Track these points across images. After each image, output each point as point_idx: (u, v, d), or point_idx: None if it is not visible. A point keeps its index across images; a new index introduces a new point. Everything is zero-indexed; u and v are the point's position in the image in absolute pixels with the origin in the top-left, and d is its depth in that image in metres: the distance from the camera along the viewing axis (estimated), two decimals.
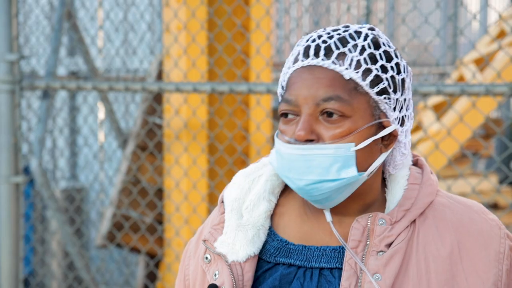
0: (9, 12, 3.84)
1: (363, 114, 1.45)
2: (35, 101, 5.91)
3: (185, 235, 4.25)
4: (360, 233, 1.47)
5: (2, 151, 3.89)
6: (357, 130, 1.44)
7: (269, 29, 4.46)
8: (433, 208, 1.51)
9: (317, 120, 1.45)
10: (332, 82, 1.44)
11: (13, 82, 3.86)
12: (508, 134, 7.44)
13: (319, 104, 1.44)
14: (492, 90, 3.01)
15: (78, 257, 4.48)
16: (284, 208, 1.58)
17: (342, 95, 1.44)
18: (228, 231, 1.55)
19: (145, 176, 4.49)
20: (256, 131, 4.23)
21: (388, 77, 1.46)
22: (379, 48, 1.47)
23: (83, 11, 5.72)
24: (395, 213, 1.49)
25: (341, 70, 1.45)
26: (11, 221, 3.91)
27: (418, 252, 1.47)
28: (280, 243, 1.54)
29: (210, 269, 1.54)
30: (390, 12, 8.23)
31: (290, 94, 1.48)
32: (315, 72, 1.46)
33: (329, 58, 1.45)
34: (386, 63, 1.46)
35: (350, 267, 1.46)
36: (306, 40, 1.50)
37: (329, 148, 1.43)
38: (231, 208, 1.57)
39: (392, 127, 1.48)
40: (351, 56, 1.45)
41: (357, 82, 1.45)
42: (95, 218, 6.02)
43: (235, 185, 1.61)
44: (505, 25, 5.48)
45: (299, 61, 1.48)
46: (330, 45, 1.46)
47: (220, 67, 4.19)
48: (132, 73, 5.93)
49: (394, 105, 1.48)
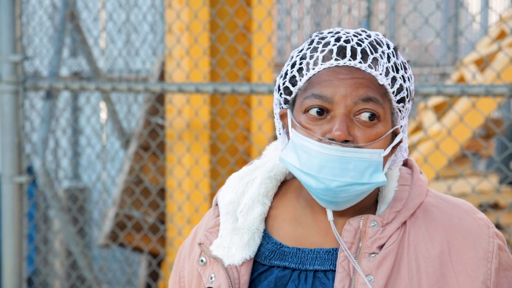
0: (13, 13, 3.87)
1: (388, 119, 1.48)
2: (38, 102, 5.93)
3: (187, 235, 4.27)
4: (352, 235, 1.48)
5: (5, 151, 3.91)
6: (385, 134, 1.47)
7: (271, 30, 4.48)
8: (423, 209, 1.53)
9: (351, 121, 1.45)
10: (370, 84, 1.46)
11: (16, 83, 3.88)
12: (508, 134, 7.45)
13: (357, 103, 1.45)
14: (492, 91, 3.03)
15: (81, 256, 4.51)
16: (278, 211, 1.59)
17: (378, 97, 1.46)
18: (223, 234, 1.56)
19: (148, 176, 4.51)
20: (258, 132, 4.25)
21: (407, 87, 1.50)
22: (398, 58, 1.50)
23: (86, 12, 5.74)
24: (386, 214, 1.50)
25: (376, 75, 1.46)
26: (15, 221, 3.93)
27: (409, 253, 1.48)
28: (274, 246, 1.55)
29: (206, 272, 1.55)
30: (391, 13, 8.25)
31: (324, 90, 1.46)
32: (353, 73, 1.45)
33: (366, 61, 1.46)
34: (404, 73, 1.50)
35: (343, 269, 1.47)
36: (333, 35, 1.49)
37: (366, 153, 1.44)
38: (226, 211, 1.58)
39: (401, 135, 1.51)
40: (382, 62, 1.47)
41: (387, 88, 1.47)
42: (97, 218, 6.04)
43: (229, 188, 1.61)
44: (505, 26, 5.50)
45: (333, 59, 1.46)
46: (365, 49, 1.46)
47: (222, 68, 4.21)
48: (135, 74, 5.95)
49: (404, 114, 1.52)
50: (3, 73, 3.87)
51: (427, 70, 8.02)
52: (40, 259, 5.51)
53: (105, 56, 6.35)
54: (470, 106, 4.87)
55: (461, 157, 6.03)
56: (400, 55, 1.51)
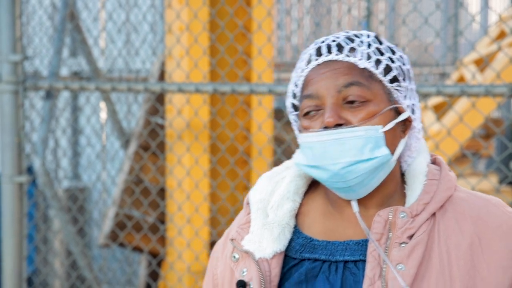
0: (13, 13, 3.87)
1: (381, 99, 1.54)
2: (38, 102, 5.93)
3: (187, 235, 4.28)
4: (382, 226, 1.52)
5: (5, 151, 3.91)
6: (380, 112, 1.52)
7: (271, 30, 4.48)
8: (452, 202, 1.56)
9: (342, 107, 1.52)
10: (349, 71, 1.53)
11: (16, 83, 3.88)
12: (508, 134, 7.45)
13: (340, 91, 1.52)
14: (492, 90, 3.03)
15: (81, 256, 4.51)
16: (308, 207, 1.64)
17: (361, 80, 1.52)
18: (254, 229, 1.60)
19: (148, 176, 4.51)
20: (257, 131, 4.26)
21: (397, 67, 1.56)
22: (382, 43, 1.57)
23: (86, 12, 5.74)
24: (415, 206, 1.54)
25: (355, 61, 1.53)
26: (15, 220, 3.94)
27: (440, 244, 1.52)
28: (305, 240, 1.59)
29: (238, 267, 1.59)
30: (390, 13, 8.25)
31: (309, 89, 1.55)
32: (332, 65, 1.54)
33: (342, 52, 1.54)
34: (391, 55, 1.56)
35: (373, 259, 1.51)
36: (314, 44, 1.59)
37: (360, 130, 1.50)
38: (257, 208, 1.63)
39: (407, 113, 1.57)
40: (361, 50, 1.54)
41: (371, 70, 1.54)
42: (97, 218, 6.05)
43: (259, 187, 1.66)
44: (505, 26, 5.50)
45: (313, 61, 1.56)
46: (340, 43, 1.55)
47: (222, 68, 4.22)
48: (135, 74, 5.95)
49: (405, 94, 1.57)
50: (3, 73, 3.87)
51: (427, 70, 8.02)
52: (40, 259, 5.51)
53: (105, 56, 6.35)
54: (470, 106, 4.87)
55: (461, 157, 6.04)
56: (386, 41, 1.58)
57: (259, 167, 4.31)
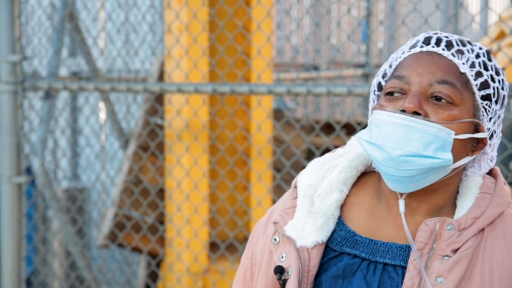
0: (12, 13, 3.86)
1: (467, 109, 1.50)
2: (37, 102, 5.92)
3: (186, 235, 4.27)
4: (428, 236, 1.49)
5: (4, 152, 3.91)
6: (461, 120, 1.48)
7: (270, 30, 4.48)
8: (503, 219, 1.52)
9: (426, 100, 1.49)
10: (449, 70, 1.50)
11: (15, 83, 3.88)
12: (508, 134, 7.44)
13: (432, 85, 1.49)
14: None
15: (80, 256, 4.50)
16: (355, 199, 1.61)
17: (456, 83, 1.49)
18: (298, 216, 1.58)
19: (147, 176, 4.51)
20: (257, 132, 4.25)
21: (495, 87, 1.52)
22: (491, 60, 1.53)
23: (85, 12, 5.74)
24: (464, 220, 1.50)
25: (458, 63, 1.51)
26: (14, 221, 3.93)
27: (484, 261, 1.48)
28: (347, 234, 1.57)
29: (278, 251, 1.57)
30: (390, 13, 8.25)
31: (402, 71, 1.52)
32: (434, 58, 1.51)
33: (450, 50, 1.51)
34: (495, 74, 1.53)
35: (414, 268, 1.48)
36: (426, 33, 1.56)
37: (433, 127, 1.46)
38: (304, 194, 1.61)
39: (485, 134, 1.52)
40: (468, 56, 1.51)
41: (469, 79, 1.51)
42: (96, 218, 6.03)
43: (310, 172, 1.64)
44: (504, 26, 5.49)
45: (417, 47, 1.53)
46: (451, 41, 1.53)
47: (221, 68, 4.21)
48: (134, 74, 5.94)
49: (491, 116, 1.53)
50: (1, 73, 3.87)
51: None
52: (39, 260, 5.51)
53: (104, 56, 6.35)
54: None
55: None
56: (495, 61, 1.55)
57: (259, 168, 4.30)
